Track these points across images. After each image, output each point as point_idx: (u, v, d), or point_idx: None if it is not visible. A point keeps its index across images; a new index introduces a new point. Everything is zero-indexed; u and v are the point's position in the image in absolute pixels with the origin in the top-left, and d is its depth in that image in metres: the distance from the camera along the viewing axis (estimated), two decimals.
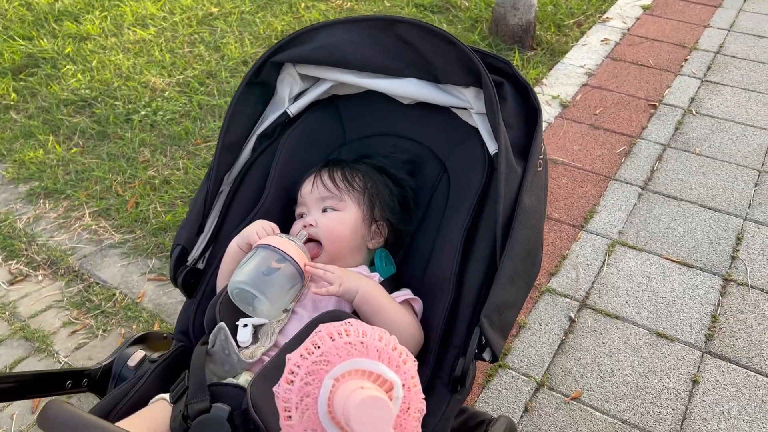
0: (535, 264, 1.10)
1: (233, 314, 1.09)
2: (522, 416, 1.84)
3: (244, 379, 1.01)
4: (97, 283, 2.26)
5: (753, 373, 1.93)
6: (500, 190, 1.07)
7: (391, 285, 1.22)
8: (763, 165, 2.75)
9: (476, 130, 1.28)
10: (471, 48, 1.17)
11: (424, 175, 1.36)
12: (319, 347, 0.72)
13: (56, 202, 2.61)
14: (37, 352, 2.04)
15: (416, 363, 0.76)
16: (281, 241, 1.08)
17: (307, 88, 1.36)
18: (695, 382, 1.91)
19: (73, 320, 2.14)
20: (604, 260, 2.32)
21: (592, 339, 2.04)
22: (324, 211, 1.28)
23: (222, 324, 1.03)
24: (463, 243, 1.15)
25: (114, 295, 2.21)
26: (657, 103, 3.15)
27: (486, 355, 1.02)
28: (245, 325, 1.07)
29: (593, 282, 2.23)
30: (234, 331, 1.06)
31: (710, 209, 2.53)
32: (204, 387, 0.96)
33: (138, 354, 1.11)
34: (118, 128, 2.96)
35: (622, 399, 1.87)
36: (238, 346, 1.03)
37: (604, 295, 2.18)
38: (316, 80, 1.37)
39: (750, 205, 2.55)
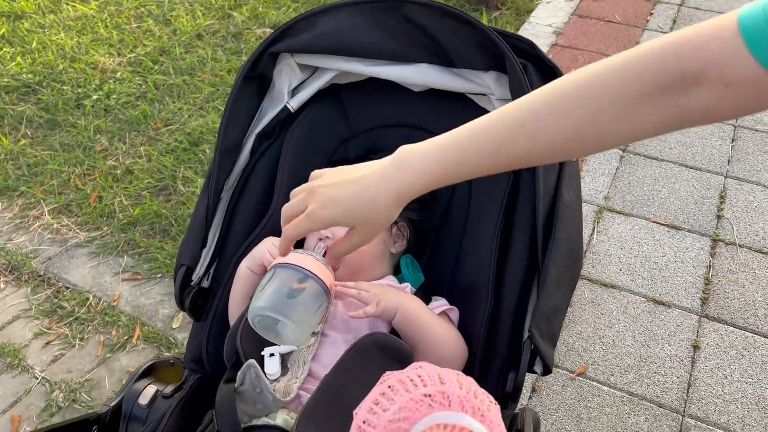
0: (578, 263, 1.03)
1: (256, 344, 0.99)
2: (530, 397, 1.80)
3: (282, 419, 0.92)
4: (67, 288, 2.11)
5: (750, 334, 1.94)
6: (538, 186, 0.98)
7: (421, 294, 1.13)
8: (737, 120, 2.75)
9: None
10: (492, 29, 1.07)
11: None
12: (393, 400, 0.63)
13: (10, 201, 2.42)
14: (10, 368, 1.90)
15: (498, 407, 0.69)
16: (300, 258, 0.96)
17: (306, 79, 1.24)
18: (696, 347, 1.91)
19: (45, 330, 1.99)
20: (594, 227, 2.29)
21: (590, 311, 2.01)
22: None
23: (252, 362, 0.92)
24: (498, 245, 1.07)
25: (87, 299, 2.06)
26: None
27: (537, 368, 0.95)
28: (272, 355, 0.97)
29: (586, 251, 2.20)
30: (259, 362, 0.96)
31: (691, 168, 2.52)
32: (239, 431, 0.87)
33: (149, 390, 1.01)
34: (69, 115, 2.75)
35: (626, 371, 1.85)
36: (268, 380, 0.93)
37: (597, 265, 2.15)
38: (315, 69, 1.24)
39: (729, 161, 2.56)
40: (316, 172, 0.90)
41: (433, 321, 1.04)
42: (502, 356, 1.03)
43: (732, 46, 0.62)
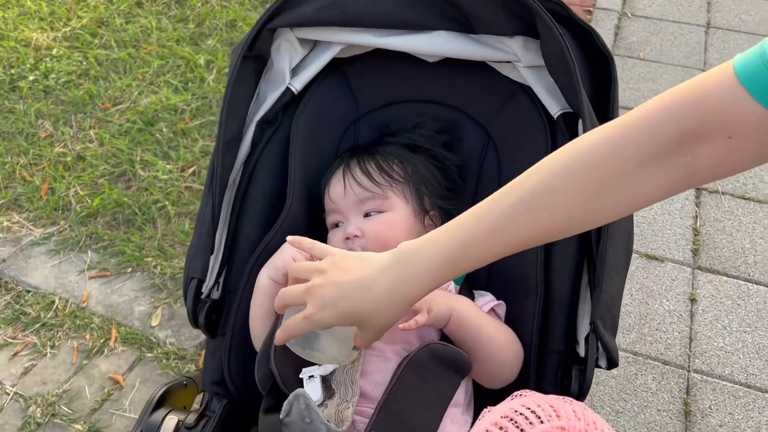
0: (631, 243, 0.96)
1: (293, 365, 0.88)
2: None
3: None
4: (28, 291, 1.94)
5: (743, 282, 1.95)
6: None
7: (465, 290, 1.04)
8: (705, 64, 2.73)
9: (522, 87, 1.09)
10: None
11: (466, 147, 1.16)
12: None
13: None
14: None
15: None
16: None
17: (306, 55, 1.10)
18: (693, 300, 1.90)
19: (9, 340, 1.82)
20: None
21: None
22: (367, 215, 1.06)
23: (301, 391, 0.81)
24: None
25: (53, 302, 1.90)
26: (591, 8, 3.04)
27: (601, 362, 0.88)
28: (311, 377, 0.86)
29: None
30: (298, 385, 0.85)
31: None
32: None
33: (170, 423, 0.89)
34: (5, 99, 2.50)
35: (629, 330, 1.83)
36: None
37: None
38: (315, 44, 1.11)
39: None
40: (318, 254, 0.87)
41: (489, 324, 0.96)
42: (558, 351, 0.96)
43: (732, 95, 0.61)
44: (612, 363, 0.87)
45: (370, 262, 0.80)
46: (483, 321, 0.95)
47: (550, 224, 0.72)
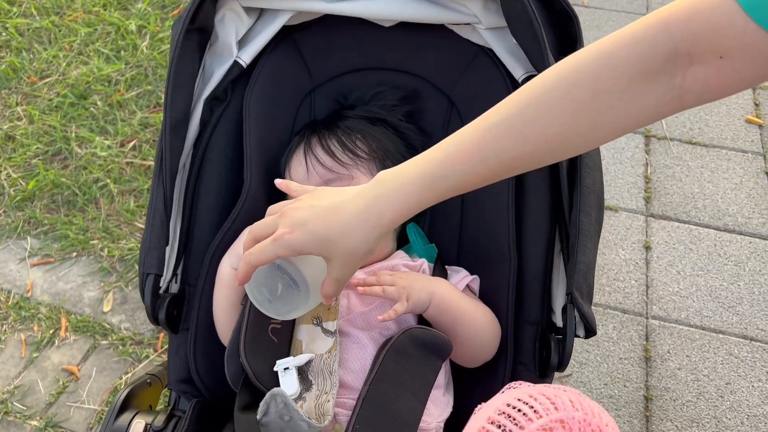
0: (602, 210, 0.94)
1: (266, 358, 0.84)
2: None
3: None
4: None
5: (694, 227, 1.99)
6: None
7: (439, 267, 1.00)
8: (648, 9, 2.73)
9: (483, 50, 1.04)
10: None
11: (428, 115, 1.11)
12: None
13: None
14: None
15: (614, 421, 0.59)
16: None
17: (253, 25, 1.02)
18: (647, 248, 1.94)
19: None
20: None
21: None
22: None
23: (277, 391, 0.77)
24: (513, 199, 0.95)
25: None
26: None
27: (579, 331, 0.87)
28: (286, 368, 0.82)
29: None
30: (272, 380, 0.81)
31: None
32: None
33: (138, 426, 0.84)
34: None
35: None
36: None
37: None
38: (261, 12, 1.03)
39: None
40: (296, 192, 0.84)
41: (468, 306, 0.93)
42: (534, 322, 0.94)
43: (724, 12, 0.58)
44: (590, 332, 0.86)
45: (346, 190, 0.78)
46: (463, 303, 0.93)
47: (534, 144, 0.69)
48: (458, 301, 0.92)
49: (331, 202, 0.76)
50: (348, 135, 1.05)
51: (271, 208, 0.83)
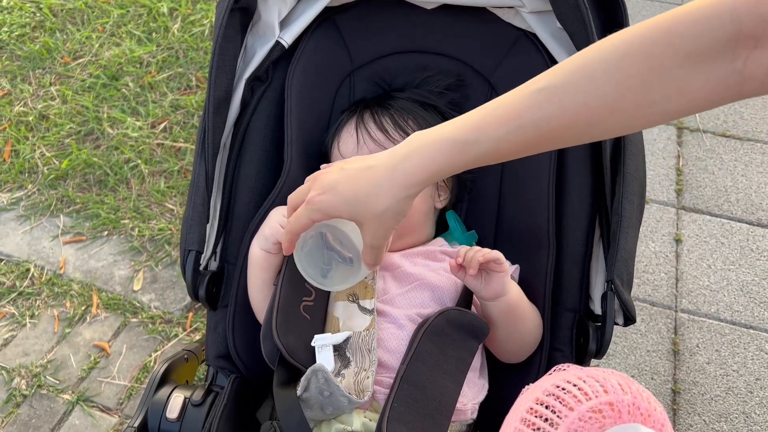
0: (644, 197, 0.93)
1: (300, 336, 0.84)
2: None
3: (359, 422, 0.79)
4: (0, 260, 1.85)
5: (726, 221, 1.96)
6: None
7: None
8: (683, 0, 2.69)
9: (525, 33, 1.03)
10: None
11: (467, 100, 1.11)
12: (557, 424, 0.52)
13: None
14: None
15: (661, 405, 0.59)
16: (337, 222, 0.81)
17: (295, 5, 1.02)
18: (678, 240, 1.92)
19: None
20: None
21: None
22: None
23: (318, 366, 0.78)
24: (554, 184, 0.95)
25: (28, 270, 1.83)
26: None
27: (618, 318, 0.87)
28: (323, 345, 0.83)
29: None
30: (309, 356, 0.82)
31: None
32: None
33: (176, 400, 0.85)
34: None
35: None
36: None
37: None
38: None
39: None
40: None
41: (529, 309, 0.93)
42: (572, 309, 0.94)
43: None
44: (629, 320, 0.86)
45: (381, 153, 0.76)
46: (526, 307, 0.93)
47: (574, 115, 0.64)
48: (523, 304, 0.92)
49: (361, 165, 0.75)
50: (401, 114, 1.04)
51: (309, 178, 0.83)
